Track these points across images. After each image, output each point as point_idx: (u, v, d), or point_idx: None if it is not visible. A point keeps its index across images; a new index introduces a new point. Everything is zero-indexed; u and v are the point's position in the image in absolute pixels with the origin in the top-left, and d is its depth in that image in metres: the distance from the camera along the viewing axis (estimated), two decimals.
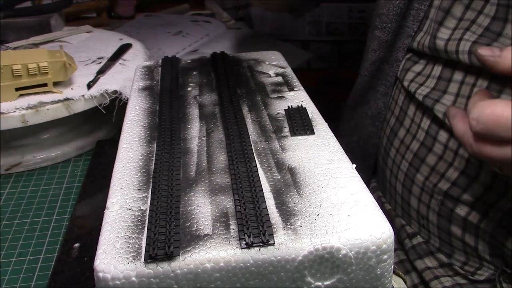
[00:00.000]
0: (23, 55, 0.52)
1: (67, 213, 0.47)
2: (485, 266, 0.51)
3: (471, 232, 0.50)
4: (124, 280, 0.24)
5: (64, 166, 0.56)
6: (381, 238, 0.25)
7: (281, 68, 0.47)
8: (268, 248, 0.25)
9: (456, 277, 0.53)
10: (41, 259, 0.42)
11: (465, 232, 0.50)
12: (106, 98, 0.54)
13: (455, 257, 0.54)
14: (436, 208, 0.52)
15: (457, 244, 0.52)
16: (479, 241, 0.50)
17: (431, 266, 0.54)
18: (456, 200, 0.49)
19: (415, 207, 0.55)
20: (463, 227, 0.50)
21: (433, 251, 0.55)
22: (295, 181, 0.30)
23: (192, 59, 0.50)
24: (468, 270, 0.53)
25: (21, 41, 0.67)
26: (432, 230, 0.53)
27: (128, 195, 0.29)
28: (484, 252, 0.50)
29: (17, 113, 0.50)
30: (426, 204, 0.53)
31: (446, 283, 0.53)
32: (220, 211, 0.27)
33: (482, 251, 0.50)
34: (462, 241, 0.51)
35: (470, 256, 0.52)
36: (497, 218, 0.47)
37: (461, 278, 0.53)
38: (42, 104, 0.51)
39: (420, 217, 0.54)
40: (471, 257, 0.52)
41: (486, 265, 0.51)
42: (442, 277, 0.53)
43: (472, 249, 0.51)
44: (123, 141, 0.35)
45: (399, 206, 0.58)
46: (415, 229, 0.57)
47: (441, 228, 0.52)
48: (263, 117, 0.38)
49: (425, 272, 0.55)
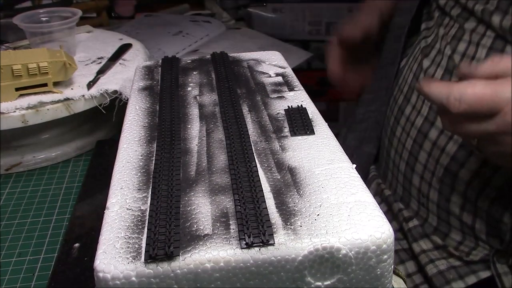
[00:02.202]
0: (23, 55, 0.52)
1: (67, 213, 0.47)
2: (480, 246, 0.52)
3: (469, 210, 0.51)
4: (124, 280, 0.24)
5: (64, 166, 0.56)
6: (381, 238, 0.25)
7: (281, 68, 0.47)
8: (268, 248, 0.25)
9: (450, 259, 0.54)
10: (41, 259, 0.42)
11: (463, 211, 0.52)
12: (106, 98, 0.54)
13: (451, 237, 0.54)
14: (437, 185, 0.53)
15: (454, 223, 0.53)
16: (476, 219, 0.51)
17: (426, 249, 0.56)
18: (454, 177, 0.51)
19: (416, 185, 0.56)
20: (461, 205, 0.52)
21: (428, 233, 0.56)
22: (295, 181, 0.30)
23: (192, 59, 0.50)
24: (463, 250, 0.54)
25: (21, 41, 0.67)
26: (432, 208, 0.55)
27: (128, 195, 0.29)
28: (481, 231, 0.51)
29: (17, 113, 0.50)
30: (427, 182, 0.55)
31: (441, 266, 0.54)
32: (220, 211, 0.27)
33: (479, 230, 0.51)
34: (460, 219, 0.52)
35: (466, 236, 0.53)
36: (493, 195, 0.48)
37: (456, 260, 0.54)
38: (42, 104, 0.51)
39: (421, 195, 0.56)
40: (467, 236, 0.53)
41: (482, 245, 0.52)
42: (437, 260, 0.54)
43: (469, 228, 0.52)
44: (123, 141, 0.35)
45: (400, 186, 0.60)
46: (414, 208, 0.58)
47: (440, 206, 0.54)
48: (263, 117, 0.38)
49: (421, 256, 0.56)
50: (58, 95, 0.52)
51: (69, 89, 0.54)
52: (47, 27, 0.62)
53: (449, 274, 0.53)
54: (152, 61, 0.51)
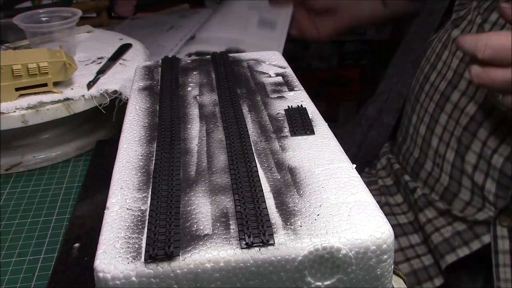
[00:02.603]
0: (23, 55, 0.52)
1: (67, 213, 0.47)
2: (486, 208, 0.55)
3: (481, 169, 0.55)
4: (124, 280, 0.24)
5: (64, 166, 0.56)
6: (381, 238, 0.25)
7: (281, 68, 0.47)
8: (268, 248, 0.25)
9: (455, 224, 0.57)
10: (41, 259, 0.42)
11: (475, 170, 0.55)
12: (106, 98, 0.54)
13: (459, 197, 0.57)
14: (455, 145, 0.57)
15: (466, 182, 0.56)
16: (487, 179, 0.54)
17: (431, 217, 0.59)
18: (473, 136, 0.55)
19: (434, 147, 0.60)
20: (475, 164, 0.55)
21: (431, 201, 0.60)
22: (295, 181, 0.30)
23: (192, 59, 0.50)
24: (467, 214, 0.56)
25: (21, 41, 0.67)
26: (446, 168, 0.59)
27: (128, 195, 0.29)
28: (489, 192, 0.54)
29: (17, 113, 0.50)
30: (446, 143, 0.58)
31: (446, 233, 0.57)
32: (220, 211, 0.27)
33: (488, 190, 0.54)
34: (472, 178, 0.55)
35: (475, 196, 0.56)
36: (507, 153, 0.52)
37: (460, 223, 0.56)
38: (42, 104, 0.51)
39: (437, 156, 0.60)
40: (475, 197, 0.56)
41: (488, 206, 0.55)
42: (442, 227, 0.57)
43: (479, 188, 0.55)
44: (123, 141, 0.35)
45: (418, 148, 0.64)
46: (428, 169, 0.62)
47: (454, 166, 0.57)
48: (263, 117, 0.38)
49: (427, 225, 0.58)
50: (58, 95, 0.52)
51: (69, 89, 0.54)
52: (47, 27, 0.62)
53: (454, 241, 0.56)
54: (153, 59, 0.51)
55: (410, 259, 0.60)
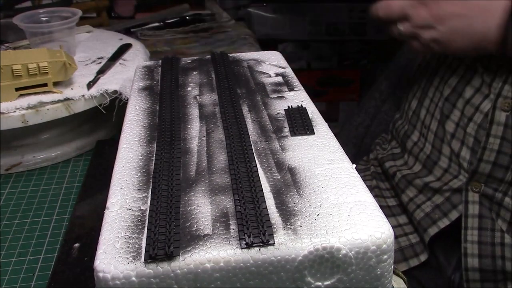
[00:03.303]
0: (23, 55, 0.52)
1: (67, 213, 0.47)
2: (461, 175, 0.59)
3: (458, 138, 0.60)
4: (124, 280, 0.24)
5: (64, 166, 0.56)
6: (381, 238, 0.25)
7: (281, 68, 0.47)
8: (268, 248, 0.25)
9: (433, 198, 0.62)
10: (41, 259, 0.42)
11: (453, 138, 0.60)
12: (106, 98, 0.54)
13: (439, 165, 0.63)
14: (438, 116, 0.62)
15: (445, 150, 0.62)
16: (463, 147, 0.59)
17: (412, 196, 0.64)
18: (452, 106, 0.61)
19: (422, 118, 0.67)
20: (452, 132, 0.60)
21: (409, 180, 0.65)
22: (295, 181, 0.30)
23: (192, 59, 0.50)
24: (444, 180, 0.61)
25: (21, 41, 0.67)
26: (429, 138, 0.64)
27: (128, 195, 0.29)
28: (464, 159, 0.59)
29: (17, 113, 0.50)
30: (431, 114, 0.64)
31: (427, 208, 0.61)
32: (220, 211, 0.27)
33: (463, 157, 0.59)
34: (450, 146, 0.60)
35: (452, 164, 0.61)
36: (480, 120, 0.57)
37: (438, 197, 0.61)
38: (42, 104, 0.51)
39: (423, 126, 0.65)
40: (452, 164, 0.61)
41: (462, 173, 0.59)
42: (422, 204, 0.62)
43: (456, 155, 0.60)
44: (123, 141, 0.35)
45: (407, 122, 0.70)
46: (414, 140, 0.68)
47: (437, 135, 0.63)
48: (263, 117, 0.38)
49: (409, 204, 0.64)
50: (58, 95, 0.52)
51: (69, 89, 0.54)
52: (47, 27, 0.62)
53: (434, 214, 0.61)
54: (152, 61, 0.51)
55: (398, 237, 0.64)
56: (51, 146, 0.56)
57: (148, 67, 0.49)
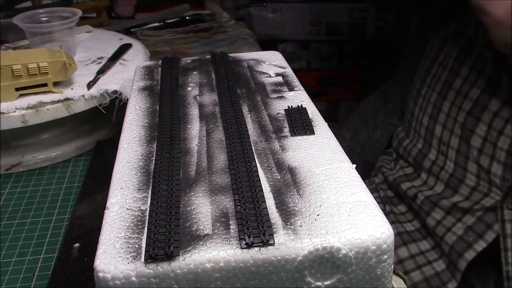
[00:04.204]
0: (23, 55, 0.52)
1: (67, 213, 0.47)
2: (493, 192, 0.54)
3: (487, 153, 0.55)
4: (124, 280, 0.24)
5: (64, 166, 0.56)
6: (381, 238, 0.25)
7: (281, 68, 0.47)
8: (268, 248, 0.25)
9: (464, 219, 0.56)
10: (41, 259, 0.42)
11: (481, 154, 0.55)
12: (106, 98, 0.54)
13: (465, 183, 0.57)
14: (459, 131, 0.58)
15: (471, 167, 0.57)
16: (493, 163, 0.54)
17: (439, 218, 0.59)
18: (477, 120, 0.56)
19: (438, 135, 0.62)
20: (480, 147, 0.56)
21: (434, 201, 0.60)
22: (295, 181, 0.30)
23: (192, 59, 0.50)
24: (474, 200, 0.55)
25: (21, 41, 0.67)
26: (451, 155, 0.59)
27: (128, 195, 0.29)
28: (495, 175, 0.54)
29: (17, 113, 0.50)
30: (449, 130, 0.60)
31: (458, 231, 0.56)
32: (220, 211, 0.27)
33: (494, 173, 0.54)
34: (477, 163, 0.56)
35: (481, 181, 0.56)
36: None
37: (469, 217, 0.56)
38: (42, 104, 0.51)
39: (441, 143, 0.61)
40: (481, 181, 0.56)
41: (494, 191, 0.54)
42: (452, 226, 0.57)
43: (485, 172, 0.55)
44: (123, 141, 0.35)
45: (421, 139, 0.65)
46: (432, 158, 0.62)
47: (460, 152, 0.58)
48: (263, 117, 0.38)
49: (437, 228, 0.59)
50: (58, 95, 0.52)
51: (69, 89, 0.54)
52: (47, 27, 0.62)
53: (468, 236, 0.56)
54: (152, 61, 0.51)
55: (421, 266, 0.59)
56: (51, 146, 0.56)
57: (148, 67, 0.49)
